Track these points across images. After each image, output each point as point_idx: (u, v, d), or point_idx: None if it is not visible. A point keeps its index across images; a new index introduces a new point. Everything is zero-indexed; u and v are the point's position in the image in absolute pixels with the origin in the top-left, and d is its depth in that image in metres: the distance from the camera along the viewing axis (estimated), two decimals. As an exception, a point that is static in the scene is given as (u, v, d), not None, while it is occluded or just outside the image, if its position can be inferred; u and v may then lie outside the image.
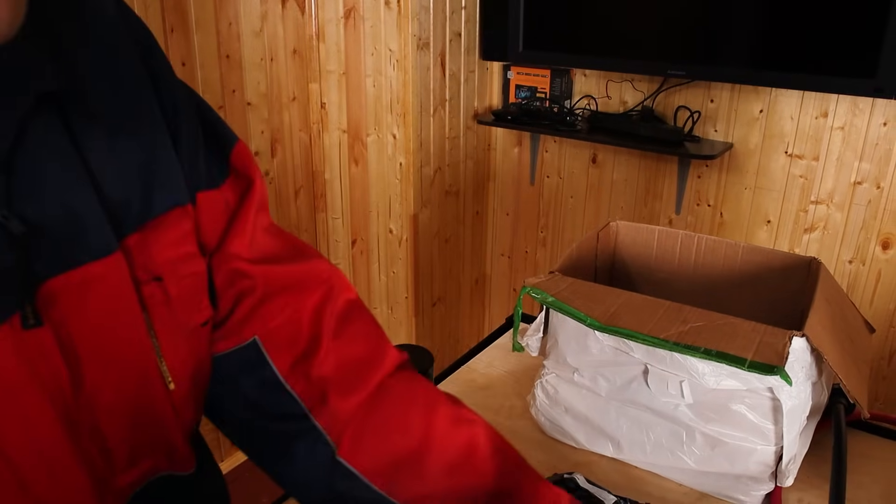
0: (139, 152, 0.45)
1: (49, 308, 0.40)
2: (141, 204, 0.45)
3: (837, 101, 1.85)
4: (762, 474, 0.79)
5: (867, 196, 1.88)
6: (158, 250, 0.46)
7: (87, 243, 0.42)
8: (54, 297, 0.40)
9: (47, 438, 0.41)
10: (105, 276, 0.42)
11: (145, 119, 0.46)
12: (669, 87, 2.06)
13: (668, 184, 2.16)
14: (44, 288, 0.40)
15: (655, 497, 0.82)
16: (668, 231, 1.01)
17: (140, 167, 0.45)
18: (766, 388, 0.73)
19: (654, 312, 0.77)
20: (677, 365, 0.76)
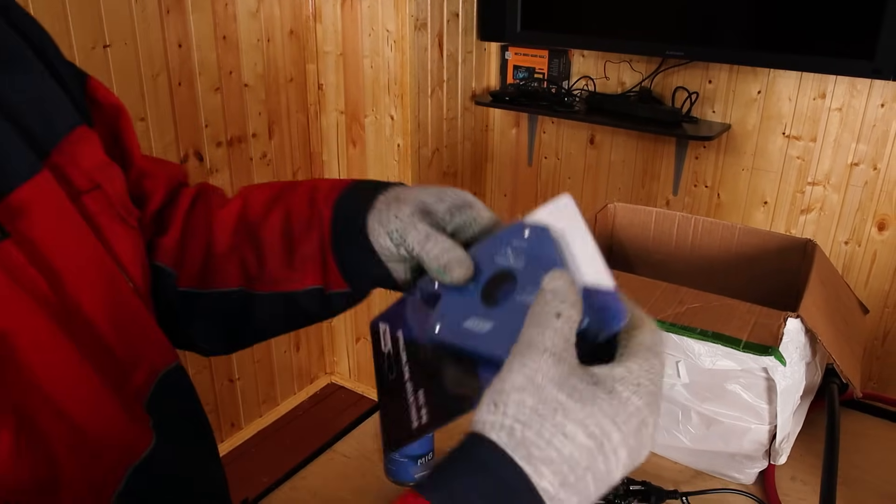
0: (30, 84, 0.49)
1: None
2: (47, 128, 0.48)
3: (835, 83, 1.85)
4: (756, 452, 0.81)
5: (864, 177, 1.88)
6: (84, 161, 0.50)
7: (13, 168, 0.44)
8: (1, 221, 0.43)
9: (50, 342, 0.42)
10: (38, 194, 0.45)
11: (19, 55, 0.49)
12: (667, 67, 2.05)
13: (665, 165, 2.16)
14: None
15: (651, 475, 0.84)
16: (665, 213, 1.02)
17: (36, 99, 0.48)
18: (761, 368, 0.75)
19: (650, 294, 0.78)
20: (673, 345, 0.77)
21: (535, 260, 0.44)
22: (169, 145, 1.85)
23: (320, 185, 0.59)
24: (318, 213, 0.57)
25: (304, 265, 0.57)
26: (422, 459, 0.80)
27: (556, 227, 0.44)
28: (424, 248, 0.49)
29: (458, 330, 0.46)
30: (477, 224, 0.51)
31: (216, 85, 1.94)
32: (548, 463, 0.35)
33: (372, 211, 0.53)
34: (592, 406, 0.36)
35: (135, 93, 1.73)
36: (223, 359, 2.17)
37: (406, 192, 0.53)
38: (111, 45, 1.65)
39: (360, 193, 0.56)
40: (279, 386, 2.46)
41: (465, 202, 0.52)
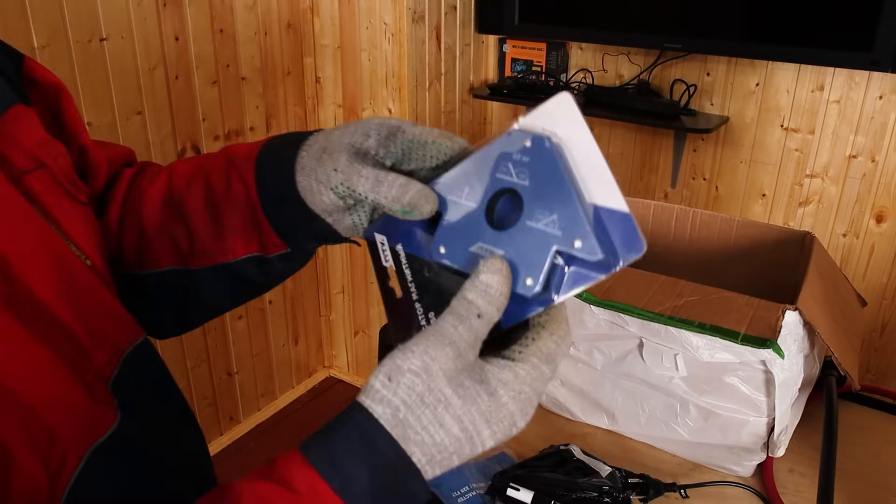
0: None
1: None
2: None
3: (834, 75, 1.85)
4: (754, 445, 0.81)
5: (862, 169, 1.88)
6: (25, 140, 0.49)
7: None
8: None
9: (2, 327, 0.42)
10: None
11: None
12: (666, 60, 2.05)
13: (663, 158, 2.16)
14: None
15: (650, 468, 0.84)
16: (663, 206, 1.01)
17: None
18: (759, 360, 0.75)
19: (649, 287, 0.78)
20: (672, 338, 0.77)
21: (540, 178, 0.42)
22: (166, 139, 1.84)
23: (236, 150, 0.57)
24: (239, 179, 0.55)
25: (234, 235, 0.56)
26: (420, 453, 0.80)
27: (559, 136, 0.42)
28: (380, 192, 0.46)
29: (465, 255, 0.45)
30: (418, 145, 0.48)
31: (213, 78, 1.93)
32: (420, 445, 0.40)
33: (301, 171, 0.50)
34: (472, 405, 0.40)
35: (131, 86, 1.72)
36: (221, 353, 2.17)
37: (329, 140, 0.50)
38: (108, 39, 1.64)
39: (280, 153, 0.53)
40: (278, 380, 2.46)
41: (391, 128, 0.49)
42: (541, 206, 0.41)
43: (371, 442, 0.39)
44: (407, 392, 0.39)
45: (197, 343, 2.07)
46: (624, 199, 0.40)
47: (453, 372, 0.40)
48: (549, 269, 0.42)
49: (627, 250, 0.40)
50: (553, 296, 0.42)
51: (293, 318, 2.44)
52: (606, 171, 0.40)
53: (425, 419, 0.40)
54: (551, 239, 0.41)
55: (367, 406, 0.40)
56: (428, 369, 0.40)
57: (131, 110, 1.73)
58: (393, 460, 0.39)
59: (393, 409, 0.39)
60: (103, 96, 1.66)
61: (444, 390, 0.40)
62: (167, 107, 1.82)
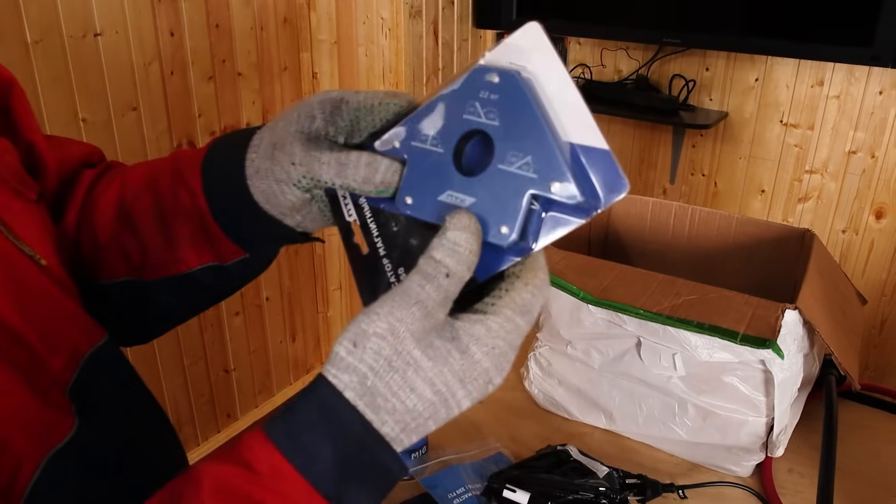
0: None
1: None
2: None
3: (833, 70, 1.84)
4: (753, 445, 0.80)
5: (861, 165, 1.87)
6: None
7: None
8: None
9: None
10: None
11: None
12: (665, 55, 2.04)
13: (662, 153, 2.15)
14: None
15: (647, 468, 0.83)
16: (661, 203, 1.00)
17: None
18: (758, 360, 0.74)
19: (647, 286, 0.77)
20: (670, 338, 0.77)
21: (511, 117, 0.38)
22: (161, 135, 1.83)
23: (182, 156, 0.54)
24: (186, 189, 0.52)
25: (185, 246, 0.53)
26: (416, 453, 0.79)
27: (529, 70, 0.38)
28: (347, 176, 0.43)
29: (434, 205, 0.41)
30: (365, 111, 0.45)
31: (209, 74, 1.92)
32: (391, 413, 0.37)
33: (256, 175, 0.47)
34: (444, 366, 0.38)
35: (126, 82, 1.71)
36: (218, 350, 2.16)
37: (275, 133, 0.47)
38: (102, 34, 1.63)
39: (226, 158, 0.50)
40: (275, 376, 2.45)
41: (334, 102, 0.46)
42: (513, 148, 0.39)
43: (334, 416, 0.37)
44: (374, 357, 0.37)
45: (194, 340, 2.06)
46: (603, 136, 0.37)
47: (422, 332, 0.37)
48: (525, 216, 0.39)
49: (609, 190, 0.38)
50: (531, 244, 0.40)
51: (290, 314, 2.43)
52: (582, 107, 0.38)
53: (395, 385, 0.37)
54: (526, 182, 0.38)
55: (332, 376, 0.37)
56: (395, 331, 0.37)
57: (126, 106, 1.72)
58: (359, 433, 0.37)
59: (360, 377, 0.37)
60: (98, 92, 1.65)
61: (412, 352, 0.37)
62: (162, 103, 1.81)
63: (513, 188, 0.39)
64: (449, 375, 0.38)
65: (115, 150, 1.71)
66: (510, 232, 0.39)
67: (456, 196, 0.40)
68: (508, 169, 0.39)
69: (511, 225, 0.39)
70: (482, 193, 0.40)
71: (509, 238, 0.39)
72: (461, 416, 0.39)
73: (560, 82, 0.38)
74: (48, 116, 1.54)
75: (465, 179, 0.40)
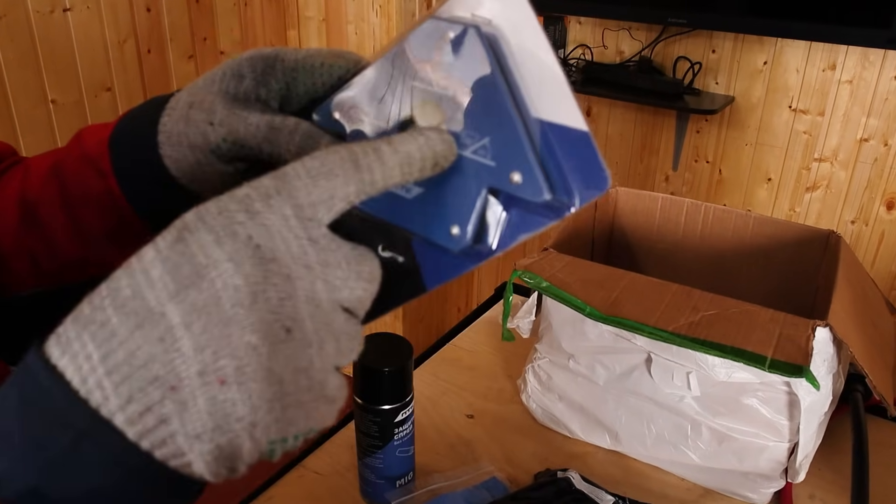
0: None
1: None
2: None
3: (846, 53, 1.75)
4: (773, 472, 0.73)
5: (873, 154, 1.79)
6: None
7: None
8: None
9: None
10: None
11: None
12: (669, 36, 1.94)
13: (665, 139, 2.06)
14: None
15: (655, 493, 0.76)
16: (672, 199, 0.92)
17: None
18: (783, 381, 0.66)
19: (660, 298, 0.69)
20: (684, 355, 0.69)
21: (472, 89, 0.30)
22: (139, 117, 1.74)
23: (87, 134, 0.45)
24: (95, 171, 0.43)
25: (100, 240, 0.44)
26: (400, 480, 0.72)
27: (494, 24, 0.29)
28: (279, 143, 0.35)
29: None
30: (304, 73, 0.37)
31: (189, 52, 1.82)
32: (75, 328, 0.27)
33: (167, 141, 0.39)
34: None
35: (100, 60, 1.61)
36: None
37: (193, 93, 0.38)
38: (72, 9, 1.53)
39: (136, 128, 0.41)
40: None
41: (266, 59, 0.38)
42: (469, 126, 0.30)
43: (32, 376, 0.27)
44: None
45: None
46: (582, 115, 0.29)
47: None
48: (481, 213, 0.31)
49: (585, 185, 0.29)
50: (490, 246, 0.31)
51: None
52: (559, 74, 0.29)
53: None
54: (482, 172, 0.30)
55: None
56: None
57: (100, 86, 1.62)
58: (56, 398, 0.26)
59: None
60: (68, 72, 1.55)
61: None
62: (139, 83, 1.71)
63: (466, 178, 0.31)
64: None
65: (88, 133, 1.62)
66: (461, 234, 0.31)
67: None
68: (462, 153, 0.31)
69: (463, 225, 0.31)
70: (430, 183, 0.31)
71: (462, 241, 0.31)
72: (451, 432, 0.30)
73: (532, 40, 0.29)
74: (14, 98, 1.45)
75: None
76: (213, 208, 0.27)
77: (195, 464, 0.26)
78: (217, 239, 0.26)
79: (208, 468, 0.26)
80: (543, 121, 0.29)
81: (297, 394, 0.27)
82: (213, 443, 0.26)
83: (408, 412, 0.68)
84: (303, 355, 0.27)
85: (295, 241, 0.27)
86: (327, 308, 0.28)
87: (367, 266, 0.29)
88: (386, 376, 0.65)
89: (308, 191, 0.28)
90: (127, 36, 1.66)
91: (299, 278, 0.27)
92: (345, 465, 0.78)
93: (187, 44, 1.80)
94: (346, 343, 0.29)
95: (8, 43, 1.41)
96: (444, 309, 2.50)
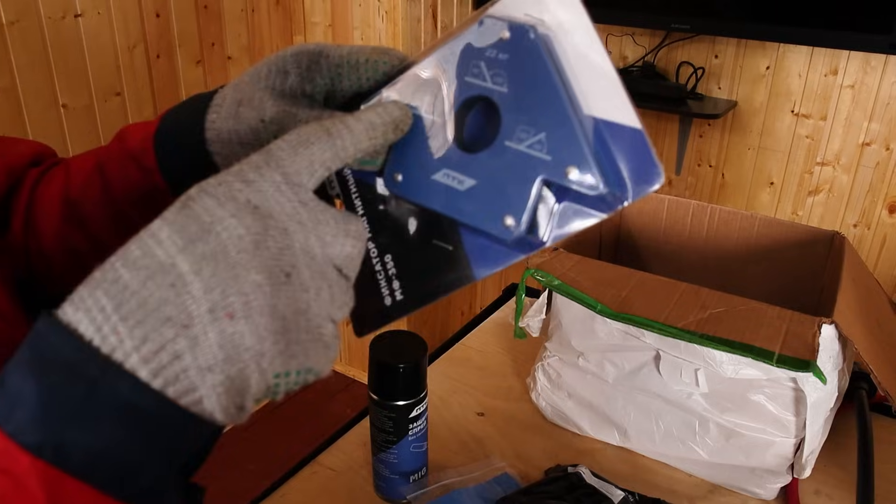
0: None
1: None
2: None
3: (848, 58, 1.77)
4: (780, 467, 0.74)
5: (875, 158, 1.81)
6: None
7: None
8: None
9: None
10: None
11: None
12: (672, 41, 1.96)
13: (668, 143, 2.08)
14: None
15: (664, 488, 0.77)
16: (678, 201, 0.94)
17: None
18: (789, 377, 0.68)
19: (669, 296, 0.70)
20: (692, 352, 0.70)
21: (522, 82, 0.31)
22: (148, 121, 1.76)
23: (130, 133, 0.46)
24: (137, 167, 0.45)
25: None
26: (414, 475, 0.73)
27: (547, 24, 0.31)
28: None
29: (427, 184, 0.35)
30: (349, 68, 0.38)
31: (197, 57, 1.84)
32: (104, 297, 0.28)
33: (217, 138, 0.40)
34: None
35: (109, 66, 1.63)
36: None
37: (240, 90, 0.40)
38: (83, 15, 1.55)
39: (182, 124, 0.43)
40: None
41: (311, 55, 0.39)
42: (524, 121, 0.32)
43: (40, 342, 0.27)
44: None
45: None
46: (636, 112, 0.30)
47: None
48: (535, 205, 0.32)
49: (638, 181, 0.30)
50: (542, 238, 0.33)
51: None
52: (612, 73, 0.30)
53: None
54: (537, 165, 0.32)
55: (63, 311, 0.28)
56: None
57: (110, 91, 1.64)
58: (68, 356, 0.26)
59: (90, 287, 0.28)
60: (79, 77, 1.57)
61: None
62: (148, 88, 1.73)
63: (521, 171, 0.32)
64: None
65: (97, 137, 1.63)
66: (516, 224, 0.32)
67: (453, 176, 0.34)
68: (517, 147, 0.32)
69: (518, 216, 0.32)
70: (484, 175, 0.33)
71: (515, 232, 0.32)
72: (462, 430, 0.32)
73: (586, 40, 0.31)
74: (26, 102, 1.46)
75: (464, 156, 0.34)
76: (213, 181, 0.30)
77: (206, 399, 0.27)
78: (219, 202, 0.29)
79: (219, 402, 0.28)
80: (597, 118, 0.30)
81: (296, 332, 0.30)
82: (223, 374, 0.28)
83: (422, 408, 0.69)
84: (301, 297, 0.30)
85: (287, 202, 0.30)
86: (321, 261, 0.31)
87: (353, 225, 0.32)
88: (401, 372, 0.66)
89: (291, 160, 0.31)
90: (137, 41, 1.68)
91: (295, 233, 0.30)
92: (358, 462, 0.79)
93: (195, 49, 1.82)
94: (339, 295, 0.31)
95: (20, 48, 1.43)
96: (448, 312, 2.52)
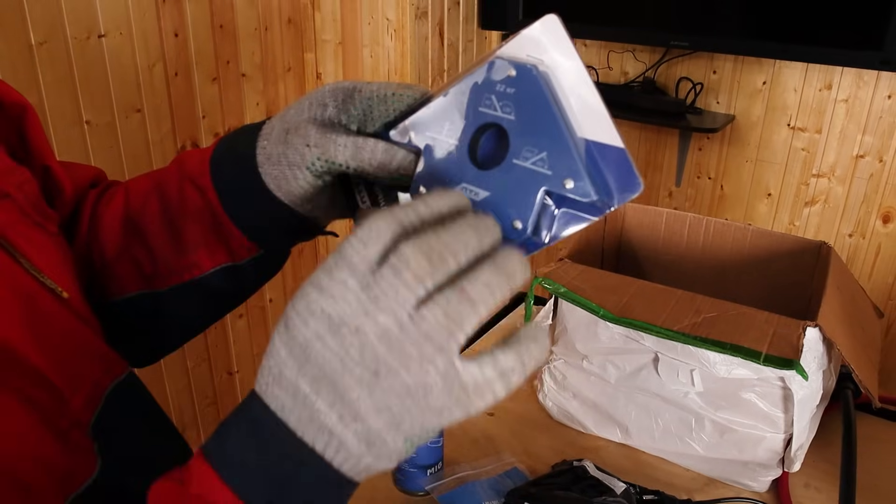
0: None
1: None
2: None
3: (842, 74, 1.83)
4: (770, 461, 0.79)
5: (869, 169, 1.87)
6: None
7: None
8: None
9: None
10: None
11: None
12: (672, 57, 2.03)
13: (668, 156, 2.14)
14: None
15: (663, 482, 0.82)
16: (676, 213, 1.00)
17: None
18: (778, 377, 0.73)
19: (666, 302, 0.76)
20: (688, 354, 0.76)
21: (527, 111, 0.38)
22: (166, 136, 1.82)
23: (187, 157, 0.53)
24: (194, 187, 0.51)
25: (196, 248, 0.52)
26: (431, 469, 0.79)
27: (546, 63, 0.38)
28: (363, 159, 0.43)
29: None
30: (378, 101, 0.45)
31: (213, 75, 1.90)
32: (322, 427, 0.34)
33: (267, 161, 0.46)
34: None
35: (130, 83, 1.70)
36: (222, 352, 2.15)
37: (286, 121, 0.46)
38: (106, 35, 1.61)
39: (236, 150, 0.49)
40: (278, 378, 2.44)
41: (346, 91, 0.46)
42: (528, 143, 0.39)
43: (260, 428, 0.34)
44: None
45: (197, 342, 2.05)
46: (618, 134, 0.37)
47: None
48: (539, 211, 0.39)
49: (622, 190, 0.38)
50: (543, 239, 0.40)
51: (294, 315, 2.42)
52: (598, 103, 0.38)
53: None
54: (540, 178, 0.39)
55: (259, 393, 0.35)
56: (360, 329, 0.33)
57: (130, 108, 1.71)
58: (285, 446, 0.33)
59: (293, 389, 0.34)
60: (102, 94, 1.63)
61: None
62: (167, 104, 1.80)
63: (527, 184, 0.39)
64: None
65: (118, 152, 1.70)
66: (524, 227, 0.39)
67: (470, 189, 0.41)
68: (523, 164, 0.39)
69: (525, 220, 0.39)
70: (496, 187, 0.40)
71: (523, 233, 0.39)
72: (474, 429, 0.37)
73: (577, 77, 0.38)
74: (52, 119, 1.53)
75: (479, 173, 0.40)
76: (298, 294, 0.34)
77: (359, 476, 0.35)
78: (304, 320, 0.33)
79: (369, 472, 0.35)
80: (588, 139, 0.38)
81: (402, 413, 0.33)
82: (371, 456, 0.34)
83: (438, 405, 0.75)
84: (395, 384, 0.33)
85: (353, 298, 0.32)
86: (397, 334, 0.32)
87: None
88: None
89: (355, 251, 0.33)
90: (156, 60, 1.74)
91: (363, 325, 0.32)
92: (377, 457, 0.85)
93: (211, 67, 1.89)
94: (429, 349, 0.33)
95: (48, 67, 1.50)
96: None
